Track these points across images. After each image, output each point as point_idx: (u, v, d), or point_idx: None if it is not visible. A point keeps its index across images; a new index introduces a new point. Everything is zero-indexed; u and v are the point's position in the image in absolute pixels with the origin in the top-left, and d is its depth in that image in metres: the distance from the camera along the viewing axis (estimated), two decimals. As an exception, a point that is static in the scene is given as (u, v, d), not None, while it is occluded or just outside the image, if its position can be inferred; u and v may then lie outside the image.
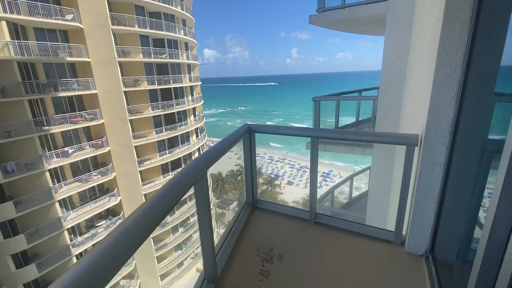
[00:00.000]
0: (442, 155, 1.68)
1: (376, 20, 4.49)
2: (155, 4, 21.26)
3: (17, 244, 15.48)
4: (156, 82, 22.28)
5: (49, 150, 17.12)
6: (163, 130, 23.32)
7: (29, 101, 15.63)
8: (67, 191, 17.95)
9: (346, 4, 4.52)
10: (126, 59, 19.79)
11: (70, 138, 18.86)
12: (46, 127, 16.70)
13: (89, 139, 19.81)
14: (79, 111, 18.86)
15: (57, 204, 17.28)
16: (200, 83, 29.73)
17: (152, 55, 21.64)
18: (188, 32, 26.15)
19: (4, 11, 14.20)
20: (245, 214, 2.56)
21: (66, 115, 17.73)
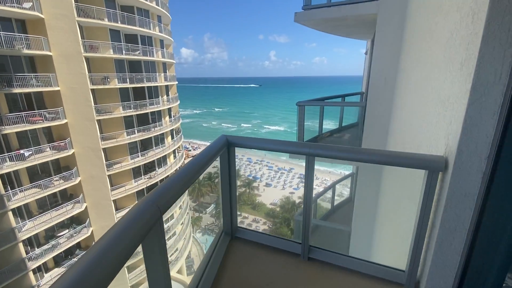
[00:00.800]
0: (476, 185, 1.31)
1: (365, 21, 4.22)
2: (127, -3, 20.01)
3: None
4: (128, 80, 20.92)
5: (1, 153, 15.28)
6: (135, 131, 21.97)
7: (-24, 97, 13.84)
8: (23, 198, 16.14)
9: (334, 2, 4.20)
10: (94, 54, 18.33)
11: (28, 140, 17.01)
12: (-3, 127, 14.90)
13: (50, 140, 18.03)
14: (38, 109, 17.10)
15: (10, 213, 15.46)
16: (176, 82, 28.60)
17: (123, 52, 20.29)
18: (164, 29, 24.99)
19: None
20: (222, 246, 2.06)
21: (23, 113, 15.94)
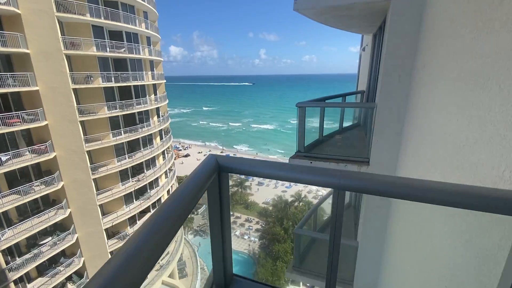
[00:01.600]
0: None
1: (373, 11, 3.75)
2: (110, -9, 19.02)
3: None
4: (113, 79, 19.95)
5: (-26, 158, 14.23)
6: (122, 132, 21.04)
7: None
8: (0, 206, 15.09)
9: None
10: (75, 52, 17.32)
11: (5, 143, 15.93)
12: (-31, 130, 13.83)
13: (29, 143, 16.97)
14: (16, 111, 16.03)
15: (-14, 222, 14.44)
16: (164, 81, 27.69)
17: (108, 49, 19.31)
18: (150, 26, 24.04)
19: None
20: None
21: (-2, 115, 14.89)
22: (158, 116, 25.81)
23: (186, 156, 68.66)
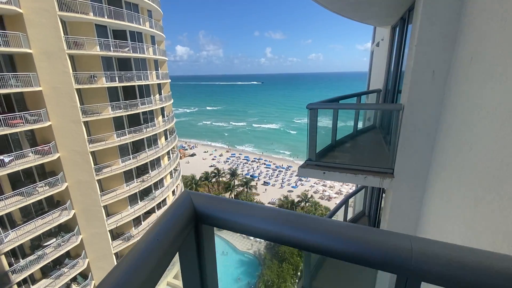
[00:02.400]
0: None
1: (398, -4, 3.20)
2: (114, -10, 18.73)
3: None
4: (117, 78, 19.70)
5: (-23, 160, 14.12)
6: (126, 132, 20.78)
7: None
8: (4, 207, 14.98)
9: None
10: (78, 51, 17.07)
11: (8, 144, 15.81)
12: (-28, 132, 13.70)
13: (33, 144, 16.83)
14: (19, 111, 15.89)
15: (-11, 224, 14.34)
16: (169, 80, 27.38)
17: (111, 48, 19.03)
18: (155, 25, 23.72)
19: None
20: None
21: (1, 116, 14.73)
22: (163, 116, 25.53)
23: (192, 155, 68.59)
